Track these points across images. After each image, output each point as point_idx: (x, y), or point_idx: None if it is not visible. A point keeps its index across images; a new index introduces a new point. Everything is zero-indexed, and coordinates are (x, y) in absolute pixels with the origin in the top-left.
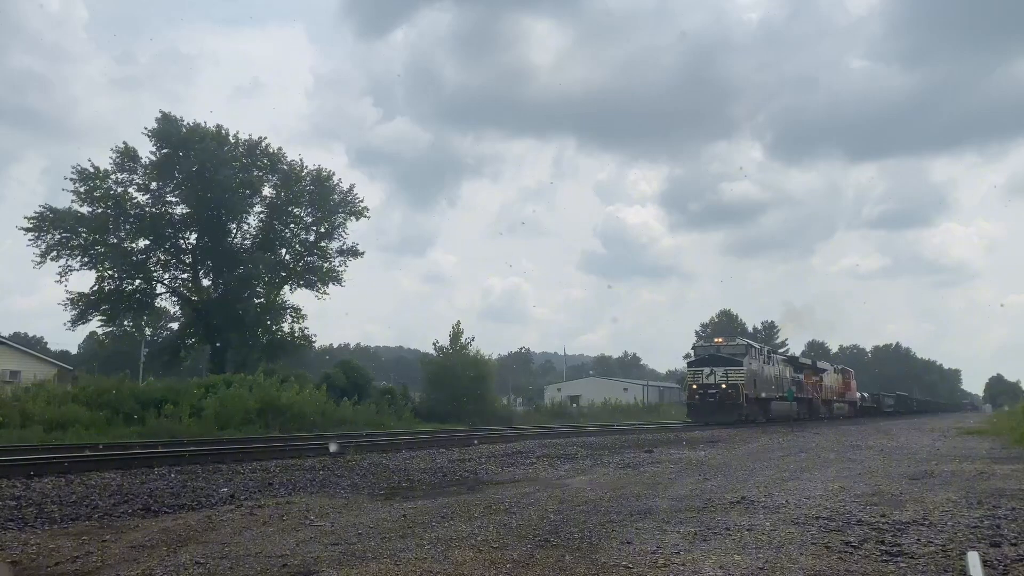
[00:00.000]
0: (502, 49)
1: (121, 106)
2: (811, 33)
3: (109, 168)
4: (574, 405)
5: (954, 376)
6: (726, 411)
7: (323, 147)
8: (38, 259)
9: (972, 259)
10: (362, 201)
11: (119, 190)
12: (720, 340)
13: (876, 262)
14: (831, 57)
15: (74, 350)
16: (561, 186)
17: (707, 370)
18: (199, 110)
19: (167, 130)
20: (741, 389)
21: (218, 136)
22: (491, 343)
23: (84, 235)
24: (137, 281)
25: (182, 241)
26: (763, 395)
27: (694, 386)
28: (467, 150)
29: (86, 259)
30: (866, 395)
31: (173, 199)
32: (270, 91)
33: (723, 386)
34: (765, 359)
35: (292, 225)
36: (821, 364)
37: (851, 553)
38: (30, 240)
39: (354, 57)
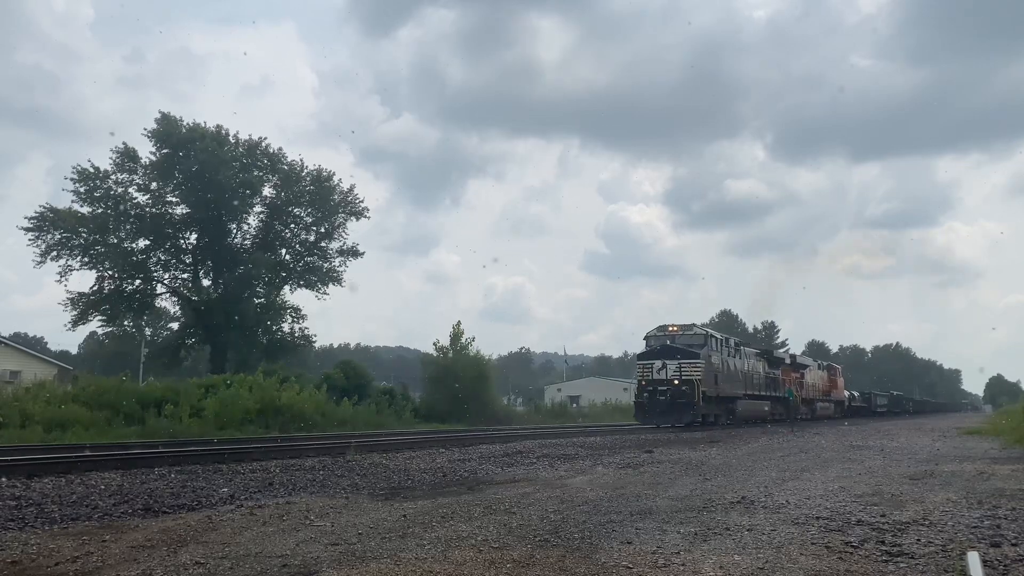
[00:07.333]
0: (506, 46)
1: (127, 106)
2: (818, 32)
3: (109, 168)
4: (574, 405)
5: (954, 376)
6: (678, 411)
7: (330, 146)
8: (38, 259)
9: (975, 259)
10: (362, 201)
11: (119, 190)
12: (675, 328)
13: (879, 262)
14: (837, 55)
15: (74, 350)
16: (565, 185)
17: (658, 363)
18: (207, 110)
19: (167, 130)
20: (697, 386)
21: (218, 136)
22: (492, 343)
23: (84, 235)
24: (137, 281)
25: (182, 241)
26: (727, 393)
27: (643, 382)
28: (472, 149)
29: (86, 259)
30: (856, 394)
31: (173, 199)
32: (278, 90)
33: (675, 382)
34: (731, 351)
35: (292, 225)
36: (802, 359)
37: (851, 553)
38: (30, 240)
39: (360, 55)
